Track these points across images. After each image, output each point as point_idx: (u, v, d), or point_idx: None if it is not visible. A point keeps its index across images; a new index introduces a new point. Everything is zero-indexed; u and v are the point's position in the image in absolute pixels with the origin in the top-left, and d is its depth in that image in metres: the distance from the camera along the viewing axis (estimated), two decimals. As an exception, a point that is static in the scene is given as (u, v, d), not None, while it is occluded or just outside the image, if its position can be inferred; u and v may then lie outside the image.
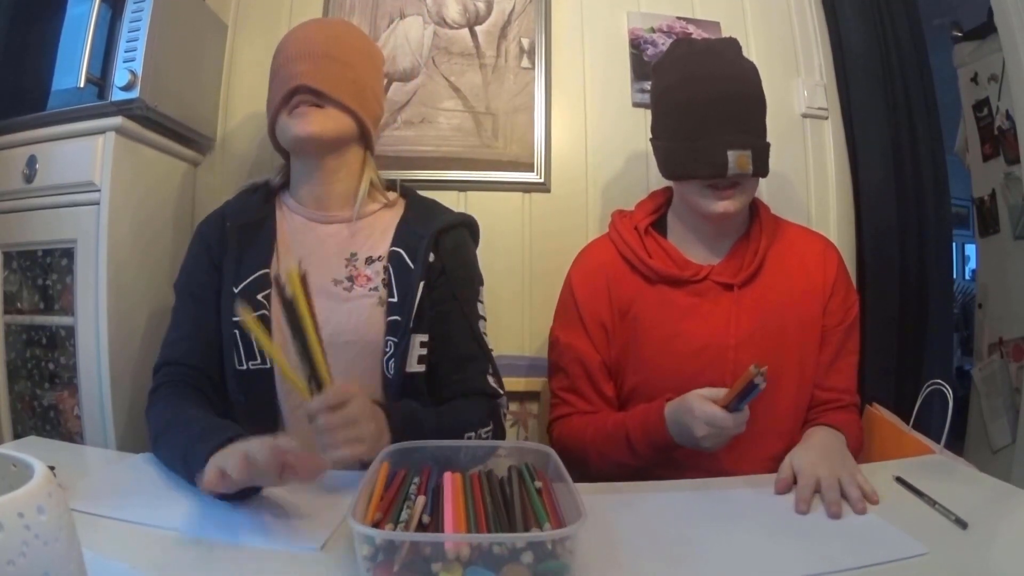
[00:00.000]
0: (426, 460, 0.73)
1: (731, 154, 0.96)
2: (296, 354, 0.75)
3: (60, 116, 1.14)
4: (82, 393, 1.12)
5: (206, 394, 0.92)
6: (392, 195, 1.07)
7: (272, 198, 1.05)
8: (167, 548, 0.61)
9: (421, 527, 0.58)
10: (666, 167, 1.06)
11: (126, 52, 1.11)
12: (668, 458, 0.94)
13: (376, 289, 0.98)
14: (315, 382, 0.74)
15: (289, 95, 0.95)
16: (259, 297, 0.93)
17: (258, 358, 0.92)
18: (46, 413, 1.18)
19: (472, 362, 0.99)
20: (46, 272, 1.19)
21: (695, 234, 1.07)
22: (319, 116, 0.95)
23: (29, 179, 1.15)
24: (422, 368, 0.96)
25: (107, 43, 1.12)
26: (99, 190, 1.10)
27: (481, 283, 1.06)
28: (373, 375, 0.95)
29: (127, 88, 1.10)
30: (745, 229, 1.08)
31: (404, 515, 0.58)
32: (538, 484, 0.65)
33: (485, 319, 1.04)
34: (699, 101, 0.99)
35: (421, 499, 0.61)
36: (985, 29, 1.81)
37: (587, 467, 0.99)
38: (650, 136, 1.11)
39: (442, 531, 0.57)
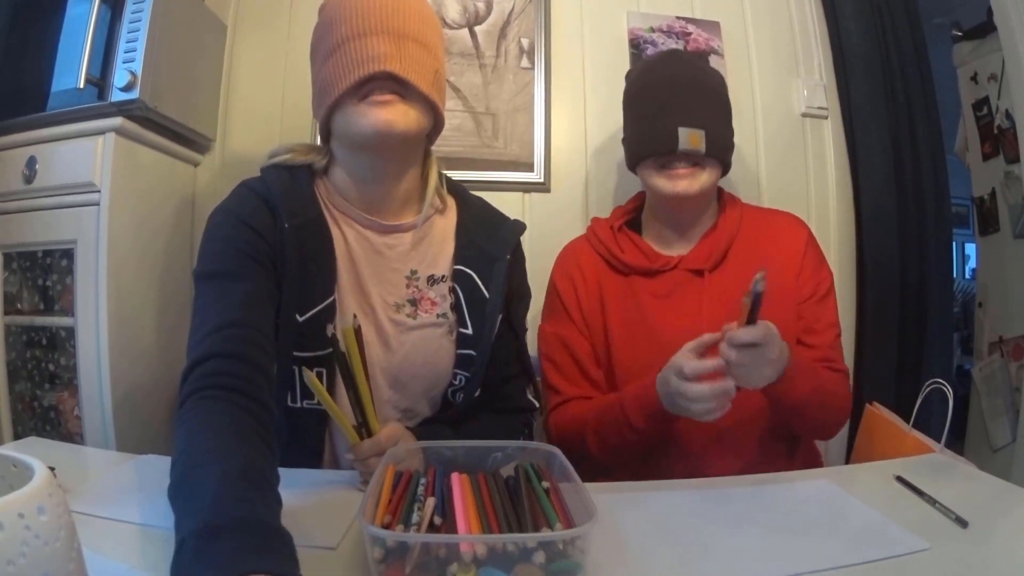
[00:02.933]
0: (432, 461, 0.73)
1: (682, 131, 0.99)
2: (349, 402, 0.77)
3: (60, 117, 1.14)
4: (82, 394, 1.12)
5: (256, 400, 0.65)
6: (442, 193, 0.95)
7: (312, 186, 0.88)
8: (168, 548, 0.61)
9: (433, 528, 0.58)
10: (627, 157, 1.10)
11: (126, 53, 1.12)
12: (667, 432, 0.95)
13: (444, 316, 0.89)
14: (365, 428, 0.77)
15: (365, 80, 0.79)
16: (327, 331, 0.77)
17: (315, 398, 0.81)
18: (46, 414, 1.18)
19: (515, 380, 0.96)
20: (46, 273, 1.19)
21: (667, 228, 1.10)
22: (402, 106, 0.80)
23: (29, 180, 1.15)
24: (479, 390, 0.91)
25: (107, 44, 1.12)
26: (99, 191, 1.11)
27: (530, 296, 1.01)
28: (436, 402, 0.91)
29: (127, 89, 1.10)
30: (714, 221, 1.10)
31: (415, 516, 0.58)
32: (545, 484, 0.65)
33: (527, 329, 0.99)
34: (653, 86, 1.04)
35: (431, 500, 0.61)
36: (985, 28, 1.81)
37: (587, 454, 0.99)
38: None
39: (455, 532, 0.57)
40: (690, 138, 0.99)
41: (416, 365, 0.87)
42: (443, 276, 0.90)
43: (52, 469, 0.42)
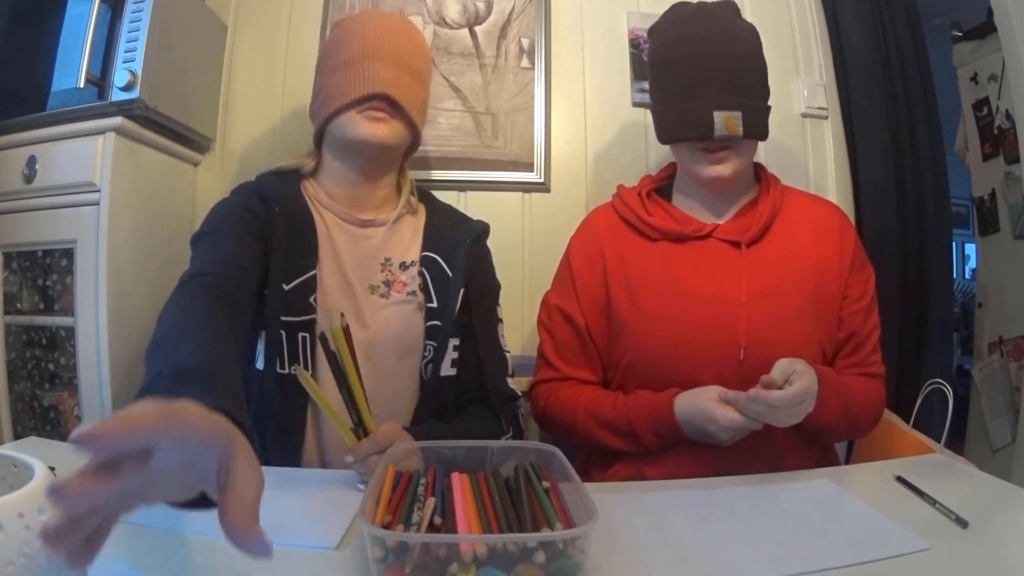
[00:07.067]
0: (431, 460, 0.73)
1: (718, 115, 0.95)
2: (344, 401, 0.79)
3: (60, 116, 1.14)
4: (82, 394, 1.12)
5: (243, 307, 0.80)
6: (413, 200, 1.09)
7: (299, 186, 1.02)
8: (168, 548, 0.61)
9: (433, 528, 0.58)
10: (657, 130, 1.06)
11: (126, 52, 1.11)
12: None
13: (414, 294, 0.99)
14: (362, 428, 0.79)
15: (368, 98, 0.95)
16: (310, 300, 0.91)
17: (305, 366, 0.90)
18: (46, 414, 1.18)
19: (493, 367, 1.01)
20: (46, 272, 1.18)
21: (699, 199, 1.06)
22: (391, 124, 0.97)
23: (29, 179, 1.15)
24: (454, 371, 0.99)
25: (107, 43, 1.12)
26: (99, 190, 1.11)
27: (499, 288, 1.09)
28: (411, 378, 0.98)
29: (127, 88, 1.10)
30: (754, 195, 1.07)
31: (415, 516, 0.58)
32: (545, 484, 0.65)
33: (502, 321, 1.06)
34: (685, 61, 0.98)
35: (431, 500, 0.61)
36: (985, 29, 1.82)
37: (572, 439, 1.02)
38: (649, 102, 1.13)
39: (455, 532, 0.57)
40: (726, 123, 0.95)
41: (389, 338, 0.96)
42: (413, 262, 1.02)
43: (52, 469, 0.42)
